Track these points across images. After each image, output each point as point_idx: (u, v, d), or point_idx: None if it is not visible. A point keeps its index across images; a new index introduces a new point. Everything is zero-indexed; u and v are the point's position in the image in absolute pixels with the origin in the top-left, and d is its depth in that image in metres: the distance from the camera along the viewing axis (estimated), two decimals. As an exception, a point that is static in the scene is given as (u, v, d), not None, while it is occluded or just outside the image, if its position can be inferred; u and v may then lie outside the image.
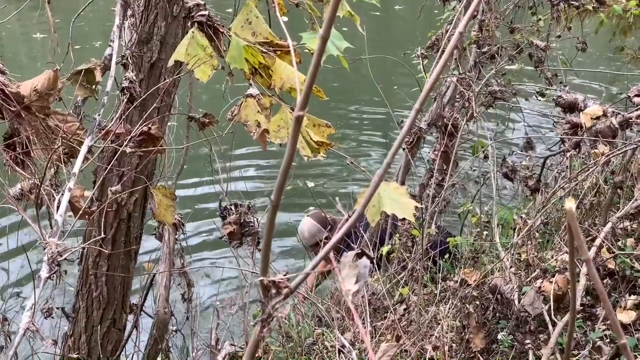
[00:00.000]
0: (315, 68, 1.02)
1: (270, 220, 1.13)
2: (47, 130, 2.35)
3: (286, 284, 1.12)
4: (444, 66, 1.20)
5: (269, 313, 1.13)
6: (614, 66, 10.82)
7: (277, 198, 1.12)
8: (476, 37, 5.45)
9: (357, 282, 1.09)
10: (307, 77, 1.04)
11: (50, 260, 1.74)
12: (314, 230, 5.74)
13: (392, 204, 1.97)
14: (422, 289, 4.30)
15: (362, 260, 1.13)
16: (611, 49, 9.05)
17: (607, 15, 7.11)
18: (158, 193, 2.96)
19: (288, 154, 1.08)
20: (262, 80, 2.53)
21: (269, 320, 1.13)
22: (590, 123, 3.84)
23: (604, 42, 8.94)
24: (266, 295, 1.13)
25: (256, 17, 2.56)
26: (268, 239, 1.13)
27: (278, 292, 1.13)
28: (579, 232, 0.80)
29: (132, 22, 3.47)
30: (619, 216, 3.92)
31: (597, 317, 3.86)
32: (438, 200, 4.77)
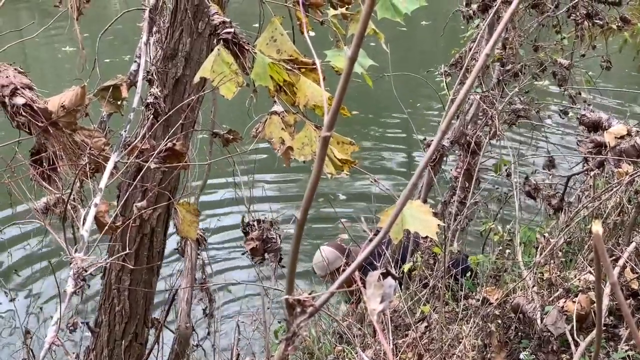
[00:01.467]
0: (342, 89, 1.03)
1: (297, 238, 1.14)
2: (73, 145, 2.37)
3: (311, 302, 1.13)
4: (470, 87, 1.21)
5: (293, 331, 1.13)
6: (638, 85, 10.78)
7: (303, 217, 1.13)
8: (500, 55, 5.45)
9: (382, 301, 1.10)
10: (335, 98, 1.05)
11: (76, 275, 1.75)
12: (333, 257, 5.67)
13: (415, 222, 1.98)
14: (443, 306, 4.29)
15: (387, 279, 1.13)
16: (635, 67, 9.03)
17: (632, 34, 7.10)
18: (182, 209, 2.98)
19: (315, 173, 1.09)
20: (287, 97, 2.54)
21: (294, 339, 1.13)
22: (614, 142, 3.83)
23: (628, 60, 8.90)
24: (291, 313, 1.14)
25: (281, 34, 2.58)
26: (294, 257, 1.14)
27: (303, 311, 1.14)
28: (605, 255, 0.81)
29: (158, 38, 3.50)
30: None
31: (620, 338, 3.84)
32: (460, 218, 4.76)
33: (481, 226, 5.36)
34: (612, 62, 6.58)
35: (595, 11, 5.86)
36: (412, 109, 10.43)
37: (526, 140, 6.91)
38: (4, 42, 3.07)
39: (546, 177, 4.94)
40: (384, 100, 11.45)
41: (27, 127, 2.30)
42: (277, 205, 8.53)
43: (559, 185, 4.71)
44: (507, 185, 5.34)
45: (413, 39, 15.26)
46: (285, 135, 2.46)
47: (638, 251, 3.96)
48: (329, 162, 2.44)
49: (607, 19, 6.04)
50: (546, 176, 4.96)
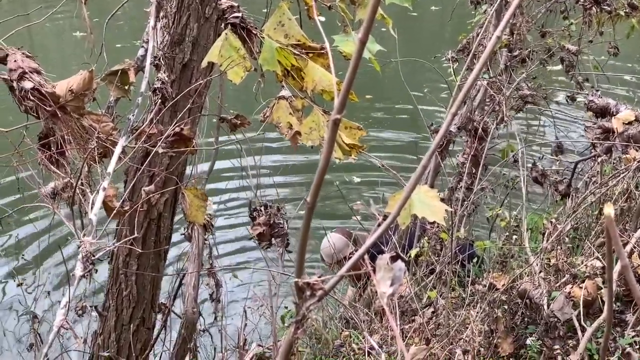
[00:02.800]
0: (353, 72, 1.03)
1: (306, 222, 1.14)
2: (81, 130, 2.37)
3: (321, 285, 1.13)
4: (479, 72, 1.21)
5: (303, 314, 1.13)
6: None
7: (313, 200, 1.13)
8: (507, 40, 5.43)
9: (392, 285, 1.10)
10: (345, 81, 1.04)
11: (85, 259, 1.76)
12: (342, 244, 5.65)
13: (422, 208, 1.97)
14: (450, 292, 4.30)
15: (397, 263, 1.13)
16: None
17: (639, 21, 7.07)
18: (189, 194, 2.99)
19: (324, 157, 1.09)
20: (294, 82, 2.54)
21: (303, 322, 1.14)
22: (622, 128, 3.82)
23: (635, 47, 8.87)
24: (301, 296, 1.14)
25: (289, 19, 2.58)
26: (304, 240, 1.14)
27: (312, 294, 1.14)
28: (617, 239, 0.80)
29: (165, 23, 3.49)
30: (650, 222, 3.89)
31: (627, 324, 3.84)
32: (467, 204, 4.76)
33: (488, 212, 5.36)
34: (619, 48, 6.55)
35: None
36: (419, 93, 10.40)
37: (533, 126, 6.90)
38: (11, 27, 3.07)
39: (553, 163, 4.93)
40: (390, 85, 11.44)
41: (35, 111, 2.31)
42: (284, 189, 8.54)
43: (566, 171, 4.70)
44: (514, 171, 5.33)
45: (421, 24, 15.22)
46: (293, 120, 2.46)
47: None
48: (337, 147, 2.44)
49: (615, 5, 6.01)
50: (553, 162, 4.95)
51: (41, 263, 7.08)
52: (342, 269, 1.19)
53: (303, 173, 9.09)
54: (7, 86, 2.34)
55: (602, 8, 5.85)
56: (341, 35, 2.72)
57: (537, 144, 6.27)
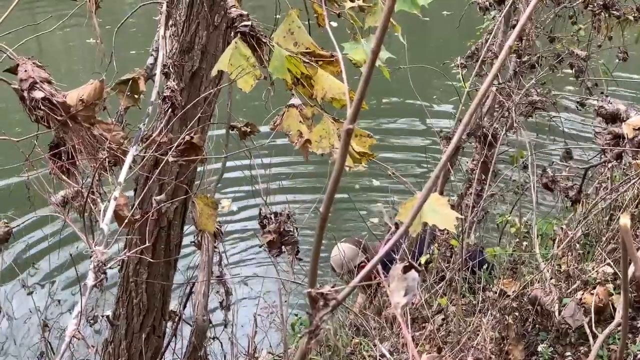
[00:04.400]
0: (366, 82, 1.03)
1: (319, 232, 1.14)
2: (92, 139, 2.37)
3: (334, 295, 1.13)
4: (491, 82, 1.20)
5: (316, 325, 1.13)
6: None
7: (326, 211, 1.12)
8: (516, 46, 5.42)
9: (406, 294, 1.10)
10: (357, 91, 1.04)
11: (96, 269, 1.76)
12: (352, 254, 5.62)
13: (433, 215, 1.97)
14: (460, 299, 4.28)
15: (410, 272, 1.13)
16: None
17: (649, 26, 7.05)
18: (200, 202, 2.99)
19: (338, 167, 1.08)
20: (304, 90, 2.54)
21: (317, 332, 1.13)
22: (632, 134, 3.81)
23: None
24: (314, 307, 1.14)
25: (298, 27, 2.58)
26: (317, 250, 1.14)
27: (326, 304, 1.13)
28: (633, 248, 0.80)
29: (174, 31, 3.50)
30: (661, 228, 3.88)
31: (639, 330, 3.83)
32: (477, 211, 4.75)
33: (498, 218, 5.35)
34: (628, 53, 6.54)
35: (612, 1, 5.82)
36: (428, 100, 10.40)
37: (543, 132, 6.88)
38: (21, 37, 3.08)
39: (563, 169, 4.92)
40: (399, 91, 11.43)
41: (45, 121, 2.31)
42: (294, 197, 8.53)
43: (576, 177, 4.69)
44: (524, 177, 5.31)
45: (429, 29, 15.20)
46: (303, 128, 2.46)
47: (657, 243, 3.95)
48: (347, 155, 2.44)
49: (623, 10, 5.99)
50: (563, 168, 4.94)
51: (51, 271, 7.10)
52: (355, 278, 1.19)
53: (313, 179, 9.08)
54: (17, 96, 2.34)
55: (610, 13, 5.84)
56: (351, 42, 2.72)
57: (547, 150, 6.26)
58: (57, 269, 7.23)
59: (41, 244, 7.53)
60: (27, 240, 7.70)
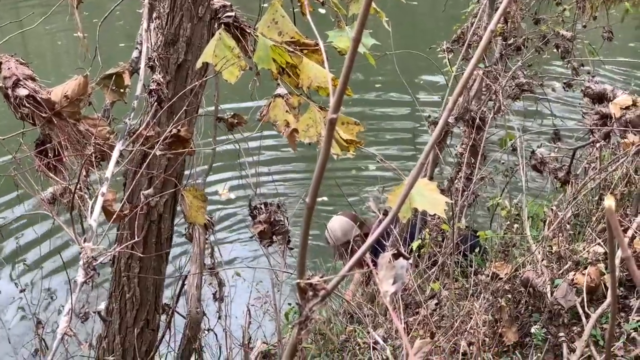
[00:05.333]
0: (348, 71, 1.03)
1: (306, 222, 1.14)
2: (78, 135, 2.36)
3: (323, 286, 1.13)
4: (475, 64, 1.20)
5: (306, 315, 1.13)
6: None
7: (312, 200, 1.12)
8: (501, 29, 5.42)
9: (394, 283, 1.09)
10: (340, 79, 1.04)
11: (86, 265, 1.75)
12: (347, 227, 5.68)
13: (422, 201, 1.97)
14: (453, 283, 4.29)
15: (399, 260, 1.12)
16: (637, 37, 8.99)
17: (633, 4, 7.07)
18: (189, 195, 2.98)
19: (322, 156, 1.08)
20: (290, 79, 2.53)
21: (307, 323, 1.13)
22: (619, 113, 3.81)
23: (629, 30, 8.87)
24: (303, 297, 1.13)
25: (282, 16, 2.57)
26: (304, 241, 1.14)
27: (315, 295, 1.13)
28: (619, 230, 0.80)
29: (158, 24, 3.48)
30: (651, 207, 3.89)
31: (631, 309, 3.84)
32: (467, 194, 4.75)
33: (488, 202, 5.35)
34: (613, 33, 6.54)
35: (596, -19, 5.83)
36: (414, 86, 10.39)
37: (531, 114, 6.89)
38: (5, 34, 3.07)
39: (552, 151, 4.92)
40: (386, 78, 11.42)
41: (31, 118, 2.30)
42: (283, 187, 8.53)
43: (565, 158, 4.69)
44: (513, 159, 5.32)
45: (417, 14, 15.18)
46: (289, 118, 2.46)
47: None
48: (335, 143, 2.44)
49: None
50: (552, 149, 4.94)
51: (43, 268, 7.08)
52: (344, 267, 1.19)
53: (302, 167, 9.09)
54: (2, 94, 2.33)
55: (595, -8, 5.85)
56: (335, 30, 2.72)
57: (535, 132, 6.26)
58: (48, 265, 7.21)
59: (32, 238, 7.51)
60: (18, 237, 7.68)
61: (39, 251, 7.20)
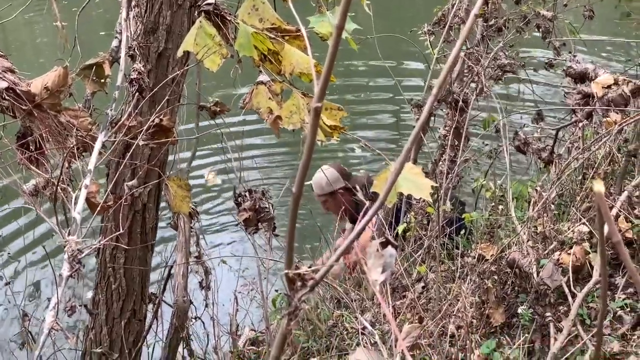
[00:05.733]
0: (331, 59, 1.01)
1: (293, 212, 1.13)
2: (59, 126, 2.34)
3: (311, 275, 1.12)
4: (461, 46, 1.19)
5: (295, 306, 1.12)
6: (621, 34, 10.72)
7: (299, 189, 1.11)
8: (482, 10, 5.41)
9: (383, 271, 1.09)
10: (324, 68, 1.03)
11: (71, 259, 1.74)
12: (334, 177, 5.72)
13: (408, 185, 1.97)
14: (439, 265, 4.30)
15: (387, 249, 1.12)
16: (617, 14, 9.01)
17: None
18: (173, 184, 2.96)
19: (308, 146, 1.07)
20: (272, 66, 2.52)
21: (296, 313, 1.12)
22: (601, 92, 3.81)
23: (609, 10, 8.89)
24: (292, 288, 1.13)
25: (262, 2, 2.55)
26: (291, 231, 1.13)
27: (304, 285, 1.12)
28: (609, 215, 0.79)
29: (137, 12, 3.45)
30: (635, 184, 3.90)
31: (617, 287, 3.85)
32: (451, 177, 4.75)
33: (473, 183, 5.35)
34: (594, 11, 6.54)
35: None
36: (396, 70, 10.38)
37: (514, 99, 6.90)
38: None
39: (535, 131, 4.92)
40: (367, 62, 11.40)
41: (11, 111, 2.28)
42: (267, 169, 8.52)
43: (548, 138, 4.70)
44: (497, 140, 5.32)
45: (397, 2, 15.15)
46: (272, 105, 2.44)
47: (630, 200, 3.97)
48: (319, 129, 2.42)
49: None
50: (535, 129, 4.94)
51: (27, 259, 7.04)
52: (332, 257, 1.18)
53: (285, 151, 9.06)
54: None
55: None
56: (317, 16, 2.70)
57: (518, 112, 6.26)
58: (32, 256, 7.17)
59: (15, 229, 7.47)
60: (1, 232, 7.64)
61: (23, 242, 7.16)
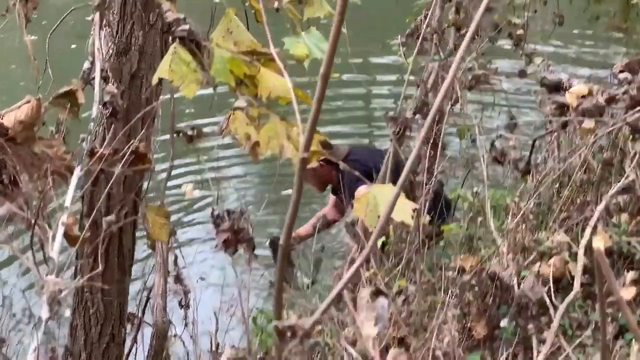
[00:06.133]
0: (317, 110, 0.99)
1: (281, 263, 1.10)
2: (33, 157, 2.30)
3: (301, 327, 1.09)
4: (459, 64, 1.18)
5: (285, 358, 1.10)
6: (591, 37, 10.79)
7: (287, 241, 1.09)
8: (454, 19, 5.42)
9: (376, 324, 1.06)
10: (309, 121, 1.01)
11: (50, 300, 1.70)
12: None
13: (389, 207, 1.95)
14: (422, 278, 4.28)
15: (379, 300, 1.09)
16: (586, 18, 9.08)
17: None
18: (151, 212, 2.92)
19: (295, 195, 1.05)
20: (249, 90, 2.48)
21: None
22: (576, 102, 3.83)
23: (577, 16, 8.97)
24: (282, 339, 1.10)
25: (237, 26, 2.52)
26: (280, 284, 1.10)
27: (294, 336, 1.10)
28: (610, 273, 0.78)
29: (108, 32, 3.42)
30: (612, 194, 3.91)
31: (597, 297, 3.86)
32: (429, 188, 4.74)
33: (450, 194, 5.35)
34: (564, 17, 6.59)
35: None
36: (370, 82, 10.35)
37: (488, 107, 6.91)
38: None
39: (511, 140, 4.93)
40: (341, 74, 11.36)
41: (-17, 144, 2.23)
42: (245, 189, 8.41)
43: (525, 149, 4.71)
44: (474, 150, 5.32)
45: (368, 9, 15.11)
46: (250, 131, 2.41)
47: (608, 210, 3.99)
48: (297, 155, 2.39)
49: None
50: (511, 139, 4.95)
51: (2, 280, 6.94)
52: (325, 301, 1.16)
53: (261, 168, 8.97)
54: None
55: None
56: (291, 37, 2.68)
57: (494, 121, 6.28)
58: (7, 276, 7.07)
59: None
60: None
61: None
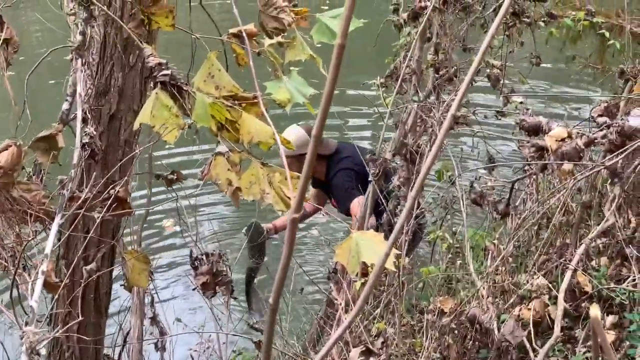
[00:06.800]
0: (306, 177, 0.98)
1: (270, 322, 1.08)
2: (12, 202, 2.27)
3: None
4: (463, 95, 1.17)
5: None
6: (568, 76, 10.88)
7: (276, 300, 1.07)
8: (433, 60, 5.44)
9: (367, 389, 1.05)
10: (300, 181, 0.99)
11: (29, 351, 1.67)
12: (302, 141, 5.55)
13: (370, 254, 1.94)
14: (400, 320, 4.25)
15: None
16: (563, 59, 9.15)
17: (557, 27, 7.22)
18: (130, 257, 2.88)
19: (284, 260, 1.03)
20: (230, 135, 2.47)
21: None
22: (555, 145, 3.84)
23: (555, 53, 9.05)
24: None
25: (218, 70, 2.51)
26: (268, 345, 1.08)
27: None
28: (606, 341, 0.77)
29: (88, 73, 3.40)
30: (591, 237, 3.92)
31: (577, 340, 3.86)
32: (408, 229, 4.73)
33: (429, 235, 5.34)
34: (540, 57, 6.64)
35: (522, 9, 5.90)
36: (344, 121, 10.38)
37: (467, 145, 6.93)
38: None
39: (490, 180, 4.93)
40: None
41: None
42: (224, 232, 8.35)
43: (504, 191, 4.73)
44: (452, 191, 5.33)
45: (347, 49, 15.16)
46: (232, 176, 2.39)
47: (588, 252, 4.00)
48: (280, 200, 2.38)
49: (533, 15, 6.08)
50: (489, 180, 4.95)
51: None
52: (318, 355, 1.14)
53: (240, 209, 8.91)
54: None
55: (521, 20, 5.92)
56: (273, 80, 2.68)
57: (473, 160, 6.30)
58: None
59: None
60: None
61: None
